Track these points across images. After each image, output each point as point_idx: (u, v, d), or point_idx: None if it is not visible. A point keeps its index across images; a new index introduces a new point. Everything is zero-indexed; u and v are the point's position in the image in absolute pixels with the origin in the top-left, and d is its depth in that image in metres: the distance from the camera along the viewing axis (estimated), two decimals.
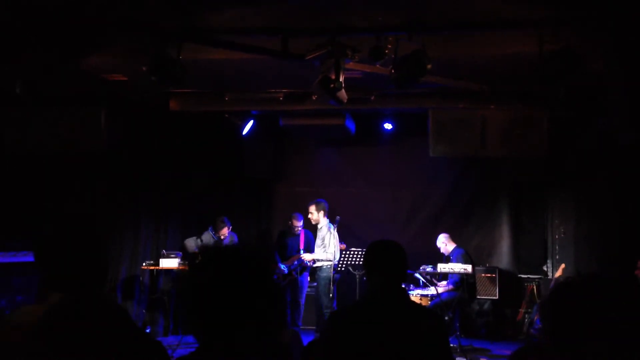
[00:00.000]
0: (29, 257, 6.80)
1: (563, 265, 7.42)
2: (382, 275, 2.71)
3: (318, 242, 7.66)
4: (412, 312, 2.71)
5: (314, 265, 7.65)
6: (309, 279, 8.15)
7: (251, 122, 8.42)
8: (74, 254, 1.93)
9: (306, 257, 7.64)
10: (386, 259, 2.75)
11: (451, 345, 7.51)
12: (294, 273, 7.77)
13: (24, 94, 6.15)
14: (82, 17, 4.85)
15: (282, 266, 7.93)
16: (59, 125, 6.89)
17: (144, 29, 5.08)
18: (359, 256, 8.07)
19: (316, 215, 7.74)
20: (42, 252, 1.96)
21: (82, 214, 7.19)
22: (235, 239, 8.31)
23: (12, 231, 6.84)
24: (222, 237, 8.11)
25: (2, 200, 6.91)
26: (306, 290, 8.04)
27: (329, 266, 7.51)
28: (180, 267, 7.62)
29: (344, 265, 8.14)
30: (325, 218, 7.78)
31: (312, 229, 8.41)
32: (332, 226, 7.73)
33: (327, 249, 7.52)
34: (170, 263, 7.68)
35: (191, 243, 8.21)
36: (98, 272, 1.99)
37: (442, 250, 7.88)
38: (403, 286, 2.88)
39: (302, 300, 7.87)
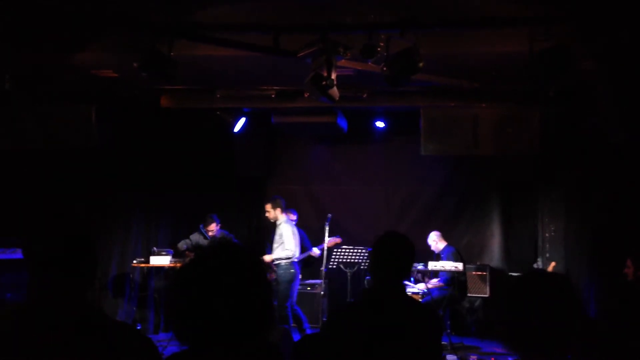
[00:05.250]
0: (18, 254, 6.75)
1: (554, 263, 7.45)
2: (387, 273, 2.69)
3: (276, 238, 7.49)
4: (409, 309, 2.71)
5: (274, 263, 7.49)
6: (300, 277, 8.13)
7: (243, 120, 8.39)
8: (62, 252, 1.91)
9: (265, 258, 7.51)
10: (394, 257, 2.73)
11: (442, 342, 7.55)
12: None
13: (13, 90, 6.10)
14: (72, 13, 4.81)
15: (273, 264, 7.92)
16: (50, 122, 6.85)
17: (134, 24, 5.05)
18: (349, 254, 8.08)
19: (273, 213, 7.60)
20: (31, 249, 1.95)
21: (72, 211, 7.17)
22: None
23: (1, 228, 6.78)
24: (210, 233, 8.08)
25: None
26: (298, 287, 8.02)
27: (287, 263, 7.33)
28: (171, 265, 7.59)
29: (335, 264, 8.14)
30: (283, 214, 7.61)
31: (302, 226, 8.40)
32: (291, 222, 7.66)
33: (285, 245, 7.38)
34: (160, 260, 7.65)
35: (182, 244, 8.19)
36: (86, 271, 1.97)
37: (432, 248, 7.90)
38: (404, 283, 2.87)
39: (294, 298, 7.83)
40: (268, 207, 7.64)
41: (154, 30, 5.03)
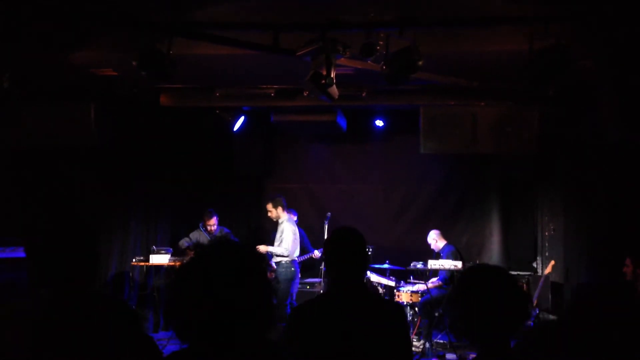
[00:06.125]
0: (17, 253, 6.74)
1: (553, 262, 7.46)
2: (340, 269, 2.67)
3: (277, 236, 7.56)
4: (371, 304, 2.69)
5: (273, 261, 7.53)
6: (299, 275, 8.14)
7: (242, 118, 8.39)
8: (64, 250, 1.92)
9: (260, 248, 7.58)
10: (343, 252, 2.68)
11: (441, 341, 7.55)
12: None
13: (12, 89, 6.09)
14: (71, 12, 4.81)
15: (273, 263, 7.93)
16: (49, 121, 6.85)
17: (134, 23, 5.04)
18: None
19: (275, 212, 7.64)
20: (33, 248, 1.95)
21: (73, 210, 7.16)
22: (225, 232, 8.27)
23: (1, 227, 6.78)
24: (210, 228, 8.06)
25: None
26: (297, 286, 8.03)
27: (287, 262, 7.39)
28: (171, 263, 7.59)
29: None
30: (285, 213, 7.65)
31: (302, 225, 8.41)
32: (293, 221, 7.68)
33: (282, 243, 7.42)
34: (160, 259, 7.64)
35: (182, 242, 8.19)
36: (87, 269, 1.98)
37: (432, 247, 7.90)
38: (366, 277, 2.83)
39: (294, 296, 7.85)
40: (269, 206, 7.66)
41: (153, 29, 5.03)
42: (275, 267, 7.83)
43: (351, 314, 2.57)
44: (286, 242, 7.38)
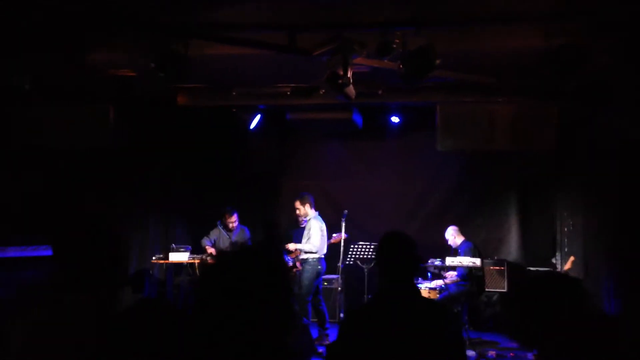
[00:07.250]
0: (39, 252, 6.84)
1: (573, 258, 7.40)
2: (392, 274, 2.70)
3: (305, 232, 7.64)
4: (425, 310, 2.70)
5: (301, 257, 7.62)
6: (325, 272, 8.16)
7: (258, 117, 8.42)
8: (90, 252, 1.96)
9: (290, 246, 7.63)
10: (395, 257, 2.72)
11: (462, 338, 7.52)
12: (298, 265, 7.76)
13: (33, 90, 6.17)
14: (89, 14, 4.86)
15: (287, 259, 7.97)
16: (68, 122, 6.93)
17: (151, 25, 5.08)
18: (366, 250, 8.08)
19: (303, 209, 7.72)
20: (57, 253, 2.00)
21: (98, 212, 7.24)
22: (247, 233, 8.32)
23: (21, 226, 6.88)
24: (231, 225, 8.11)
25: (12, 195, 6.96)
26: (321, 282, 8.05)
27: (314, 259, 7.47)
28: (190, 261, 7.68)
29: (351, 260, 8.15)
30: (313, 210, 7.73)
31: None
32: (320, 219, 7.73)
33: (311, 240, 7.48)
34: (179, 257, 7.73)
35: (203, 241, 8.24)
36: (114, 269, 2.02)
37: (450, 243, 7.88)
38: (415, 282, 2.85)
39: (320, 293, 7.87)
40: (297, 204, 7.73)
41: (170, 30, 5.07)
42: (291, 263, 7.86)
43: (407, 318, 2.59)
44: (314, 239, 7.46)
